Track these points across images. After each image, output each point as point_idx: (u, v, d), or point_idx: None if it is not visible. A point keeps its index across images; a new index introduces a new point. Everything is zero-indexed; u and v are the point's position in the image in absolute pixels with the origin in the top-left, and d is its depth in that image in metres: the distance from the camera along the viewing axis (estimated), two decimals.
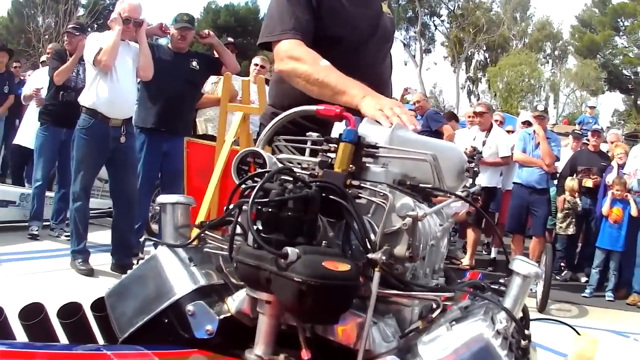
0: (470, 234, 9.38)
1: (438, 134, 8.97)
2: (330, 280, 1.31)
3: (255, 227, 1.43)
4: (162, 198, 1.84)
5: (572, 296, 8.52)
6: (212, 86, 8.01)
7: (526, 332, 1.54)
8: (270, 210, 1.42)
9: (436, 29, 49.06)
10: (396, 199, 1.57)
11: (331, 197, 1.53)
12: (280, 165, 1.68)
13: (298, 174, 1.57)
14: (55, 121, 7.74)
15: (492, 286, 1.81)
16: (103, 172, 6.76)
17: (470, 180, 2.07)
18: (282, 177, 1.52)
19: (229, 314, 1.61)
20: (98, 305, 1.85)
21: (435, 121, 9.42)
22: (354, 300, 1.45)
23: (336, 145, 1.65)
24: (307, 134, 1.85)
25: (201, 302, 1.61)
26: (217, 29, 32.16)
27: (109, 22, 6.26)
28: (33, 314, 1.80)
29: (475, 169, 2.01)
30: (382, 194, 1.58)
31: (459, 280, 2.01)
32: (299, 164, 1.79)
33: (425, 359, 1.47)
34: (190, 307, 1.60)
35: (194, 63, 7.02)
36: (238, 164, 1.73)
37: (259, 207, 1.44)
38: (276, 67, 2.66)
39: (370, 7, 2.89)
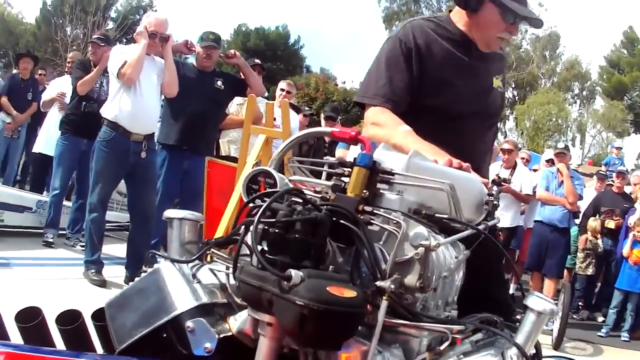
0: None
1: None
2: (334, 306, 1.26)
3: (260, 248, 1.39)
4: (170, 213, 1.81)
5: (588, 335, 8.45)
6: (238, 107, 7.96)
7: None
8: (277, 231, 1.38)
9: None
10: (410, 228, 1.53)
11: (342, 221, 1.48)
12: (291, 186, 1.65)
13: (308, 196, 1.53)
14: (76, 131, 7.75)
15: (505, 321, 1.76)
16: (123, 186, 6.76)
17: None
18: (293, 198, 1.49)
19: (229, 333, 1.57)
20: (99, 315, 1.82)
21: None
22: (360, 327, 1.41)
23: (350, 170, 1.61)
24: (325, 158, 1.82)
25: (201, 320, 1.57)
26: (246, 52, 32.44)
27: (135, 36, 6.25)
28: (30, 318, 1.78)
29: (495, 202, 1.95)
30: (395, 221, 1.54)
31: None
32: (312, 187, 1.75)
33: None
34: (190, 324, 1.57)
35: (219, 82, 6.98)
36: (248, 183, 1.70)
37: (266, 227, 1.40)
38: (363, 132, 2.67)
39: (481, 83, 2.89)
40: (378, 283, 1.43)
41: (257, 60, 8.69)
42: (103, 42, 7.90)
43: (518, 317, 1.82)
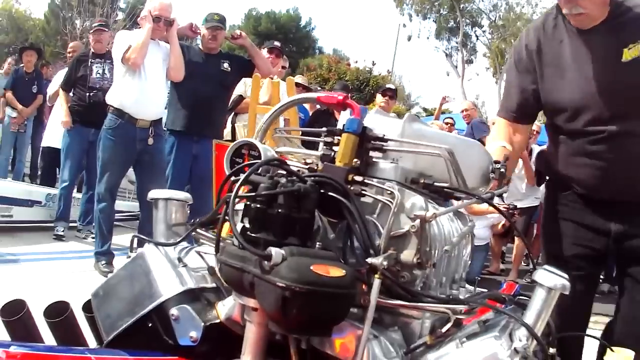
0: (518, 246, 9.12)
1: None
2: (319, 287, 1.14)
3: (242, 225, 1.28)
4: (154, 193, 1.71)
5: (610, 309, 8.24)
6: None
7: (550, 350, 1.37)
8: (258, 206, 1.27)
9: (477, 39, 48.51)
10: (405, 198, 1.41)
11: (330, 193, 1.36)
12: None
13: (293, 167, 1.42)
14: (82, 121, 7.63)
15: (517, 298, 1.64)
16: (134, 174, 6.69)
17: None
18: (277, 170, 1.37)
19: (217, 321, 1.47)
20: (90, 306, 1.74)
21: (479, 130, 9.16)
22: (356, 310, 1.30)
23: (340, 137, 1.49)
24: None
25: (186, 307, 1.48)
26: (257, 36, 32.38)
27: (139, 20, 6.13)
28: (15, 311, 1.72)
29: (502, 170, 1.80)
30: (389, 191, 1.41)
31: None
32: (304, 159, 1.63)
33: None
34: (174, 311, 1.47)
35: (225, 65, 6.82)
36: (232, 157, 1.58)
37: (248, 202, 1.29)
38: None
39: (597, 62, 2.47)
40: (369, 260, 1.31)
41: (277, 43, 8.34)
42: (106, 27, 7.83)
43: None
